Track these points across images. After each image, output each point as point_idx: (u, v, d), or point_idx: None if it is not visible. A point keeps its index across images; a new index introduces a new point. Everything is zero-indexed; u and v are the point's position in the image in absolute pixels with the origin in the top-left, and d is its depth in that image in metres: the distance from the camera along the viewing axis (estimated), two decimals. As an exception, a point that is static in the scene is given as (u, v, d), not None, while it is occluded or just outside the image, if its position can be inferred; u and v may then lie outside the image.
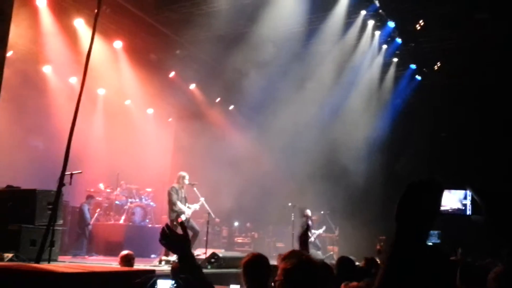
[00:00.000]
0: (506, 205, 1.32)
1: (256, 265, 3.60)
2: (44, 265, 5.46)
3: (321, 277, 2.71)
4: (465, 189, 1.43)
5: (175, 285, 2.17)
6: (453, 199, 1.46)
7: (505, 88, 14.25)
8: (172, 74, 15.94)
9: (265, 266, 3.65)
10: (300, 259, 2.59)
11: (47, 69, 13.90)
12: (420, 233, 1.25)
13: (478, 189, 1.36)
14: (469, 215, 1.44)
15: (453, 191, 1.47)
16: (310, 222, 14.94)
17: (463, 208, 1.46)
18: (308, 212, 14.95)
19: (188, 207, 10.26)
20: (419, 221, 1.25)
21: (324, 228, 15.10)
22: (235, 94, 16.67)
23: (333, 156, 16.00)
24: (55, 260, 7.73)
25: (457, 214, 1.38)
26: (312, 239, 14.68)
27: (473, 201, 1.40)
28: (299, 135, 16.17)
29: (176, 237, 2.40)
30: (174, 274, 3.48)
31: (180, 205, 10.03)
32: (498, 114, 14.60)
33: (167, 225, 2.49)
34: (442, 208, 1.33)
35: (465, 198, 1.46)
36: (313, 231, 14.81)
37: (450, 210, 1.47)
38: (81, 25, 12.66)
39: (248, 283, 3.52)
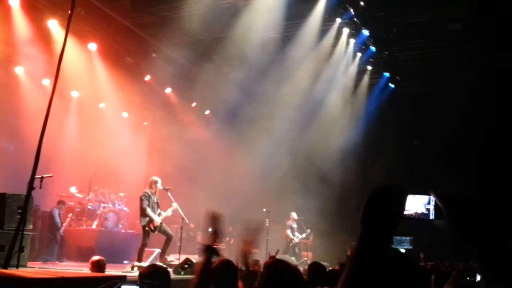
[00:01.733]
0: (465, 210, 1.36)
1: (224, 270, 3.68)
2: (11, 271, 5.33)
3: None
4: (428, 194, 1.47)
5: (139, 290, 2.13)
6: (417, 204, 1.49)
7: (478, 97, 14.56)
8: (147, 77, 15.82)
9: (233, 272, 3.73)
10: (279, 271, 2.61)
11: (19, 70, 13.64)
12: (384, 236, 1.29)
13: (440, 194, 1.41)
14: (432, 219, 1.48)
15: (417, 196, 1.50)
16: (295, 225, 15.01)
17: (427, 212, 1.50)
18: (294, 215, 15.00)
19: (159, 213, 10.16)
20: (383, 225, 1.29)
21: (309, 231, 15.10)
22: (211, 98, 16.63)
23: (308, 162, 16.11)
24: (24, 266, 7.57)
25: (420, 219, 1.43)
26: (295, 240, 14.75)
27: (436, 206, 1.46)
28: (275, 141, 16.20)
29: None
30: (141, 279, 3.49)
31: (149, 211, 9.92)
32: (471, 122, 14.89)
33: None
34: (406, 213, 1.37)
35: (428, 203, 1.49)
36: (296, 234, 14.88)
37: (414, 215, 1.50)
38: (55, 26, 12.46)
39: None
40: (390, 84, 16.35)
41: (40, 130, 6.43)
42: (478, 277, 6.12)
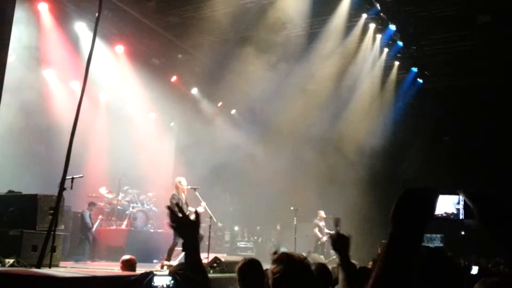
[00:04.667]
0: (496, 209, 1.35)
1: (250, 270, 3.68)
2: (44, 270, 5.43)
3: (314, 280, 2.67)
4: (458, 194, 1.46)
5: (172, 281, 2.11)
6: (447, 204, 1.49)
7: (508, 90, 14.18)
8: (174, 78, 15.94)
9: (259, 271, 3.72)
10: (287, 264, 2.56)
11: (48, 74, 13.89)
12: (414, 236, 1.32)
13: (470, 194, 1.40)
14: (462, 219, 1.47)
15: (447, 196, 1.50)
16: (322, 223, 14.91)
17: (457, 212, 1.49)
18: (322, 213, 14.90)
19: (189, 213, 10.20)
20: (413, 226, 1.32)
21: (338, 229, 14.94)
22: (237, 98, 16.66)
23: (337, 159, 15.96)
24: (57, 266, 7.68)
25: (450, 219, 1.43)
26: (324, 239, 14.67)
27: (465, 205, 1.45)
28: (302, 139, 16.13)
29: (188, 221, 2.28)
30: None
31: None
32: (502, 116, 14.53)
33: (178, 205, 2.35)
34: (436, 213, 1.40)
35: (458, 203, 1.48)
36: (326, 230, 14.80)
37: (444, 215, 1.50)
38: (82, 29, 12.67)
39: (243, 287, 3.60)
40: (418, 79, 16.08)
41: (70, 131, 6.53)
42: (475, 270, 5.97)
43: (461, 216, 1.48)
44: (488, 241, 1.37)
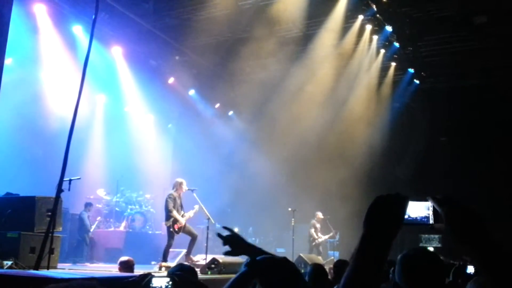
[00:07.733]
0: (462, 213, 1.44)
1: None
2: (42, 272, 5.44)
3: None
4: (427, 200, 1.55)
5: (170, 282, 2.14)
6: (420, 209, 1.59)
7: (506, 91, 14.22)
8: (171, 80, 15.94)
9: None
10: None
11: (46, 76, 13.86)
12: (383, 240, 1.40)
13: (437, 199, 1.50)
14: (431, 223, 1.58)
15: (419, 203, 1.60)
16: (319, 225, 14.90)
17: (427, 216, 1.59)
18: (319, 214, 14.90)
19: (183, 214, 10.21)
20: (383, 230, 1.41)
21: (334, 231, 14.99)
22: (234, 99, 16.66)
23: (334, 161, 15.97)
24: (55, 267, 7.68)
25: (422, 223, 1.55)
26: (318, 240, 14.68)
27: (434, 210, 1.55)
28: (299, 140, 16.13)
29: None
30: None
31: (175, 213, 9.98)
32: (500, 117, 14.56)
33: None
34: (410, 217, 1.54)
35: (429, 208, 1.58)
36: (319, 234, 14.79)
37: (417, 219, 1.59)
38: (79, 31, 12.68)
39: None
40: (415, 80, 16.10)
41: (67, 133, 6.55)
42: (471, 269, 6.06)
43: (431, 221, 1.58)
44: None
